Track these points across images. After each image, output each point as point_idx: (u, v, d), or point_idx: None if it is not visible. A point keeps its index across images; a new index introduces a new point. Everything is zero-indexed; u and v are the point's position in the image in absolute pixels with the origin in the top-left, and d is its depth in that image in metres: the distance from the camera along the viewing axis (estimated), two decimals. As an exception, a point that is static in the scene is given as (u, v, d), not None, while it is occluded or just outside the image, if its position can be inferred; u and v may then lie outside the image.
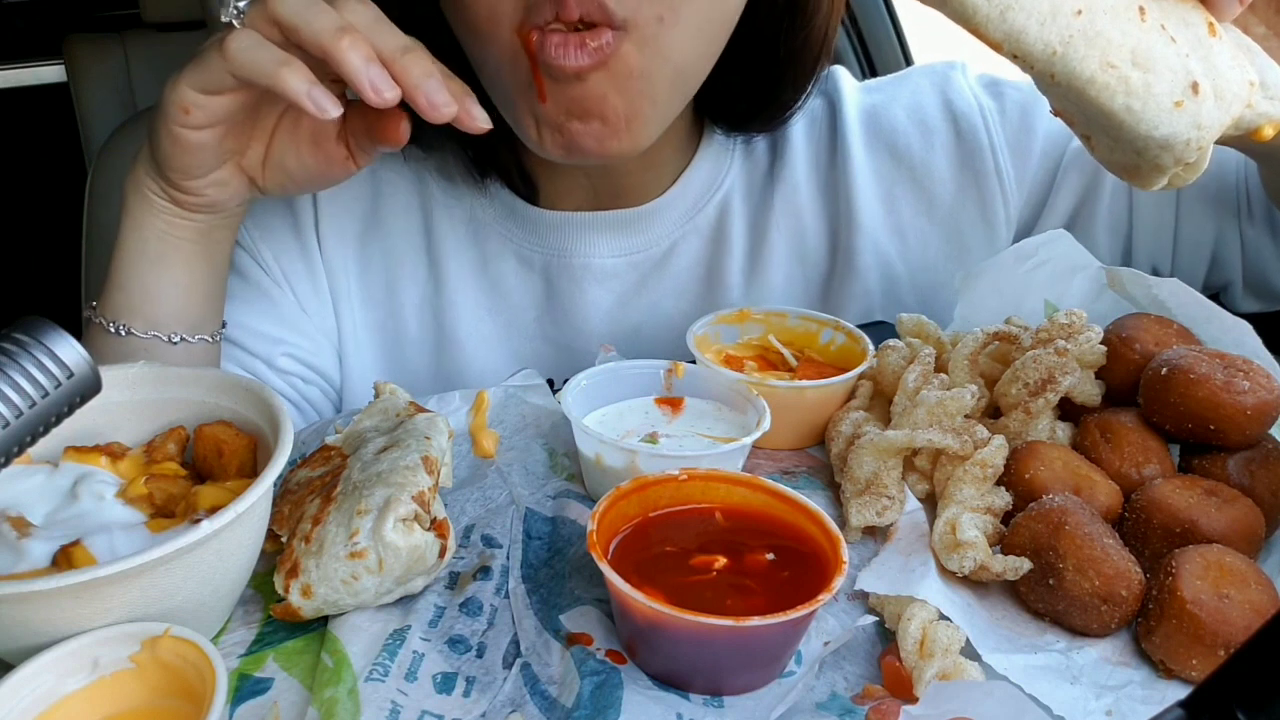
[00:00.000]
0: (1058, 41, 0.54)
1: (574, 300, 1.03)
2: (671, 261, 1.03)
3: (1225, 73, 0.57)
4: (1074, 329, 0.76)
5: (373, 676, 0.57)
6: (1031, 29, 0.54)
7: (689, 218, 1.03)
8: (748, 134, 1.03)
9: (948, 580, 0.64)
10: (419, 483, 0.63)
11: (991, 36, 0.55)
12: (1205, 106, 0.56)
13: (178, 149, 0.75)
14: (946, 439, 0.70)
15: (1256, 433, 0.68)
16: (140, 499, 0.63)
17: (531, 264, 1.03)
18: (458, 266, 1.03)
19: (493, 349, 1.04)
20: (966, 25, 0.55)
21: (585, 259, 1.02)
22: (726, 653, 0.56)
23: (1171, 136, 0.56)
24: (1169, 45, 0.56)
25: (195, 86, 0.72)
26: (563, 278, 1.03)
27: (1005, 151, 1.02)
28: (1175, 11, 0.57)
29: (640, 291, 1.03)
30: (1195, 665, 0.58)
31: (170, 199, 0.80)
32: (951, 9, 0.55)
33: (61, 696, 0.54)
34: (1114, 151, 0.60)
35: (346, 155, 0.79)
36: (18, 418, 0.43)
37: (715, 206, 1.03)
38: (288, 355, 1.00)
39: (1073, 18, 0.54)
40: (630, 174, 1.00)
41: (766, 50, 0.93)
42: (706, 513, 0.65)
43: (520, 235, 1.02)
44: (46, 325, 0.45)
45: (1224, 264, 0.99)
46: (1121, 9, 0.55)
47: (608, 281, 1.03)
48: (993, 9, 0.54)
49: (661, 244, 1.03)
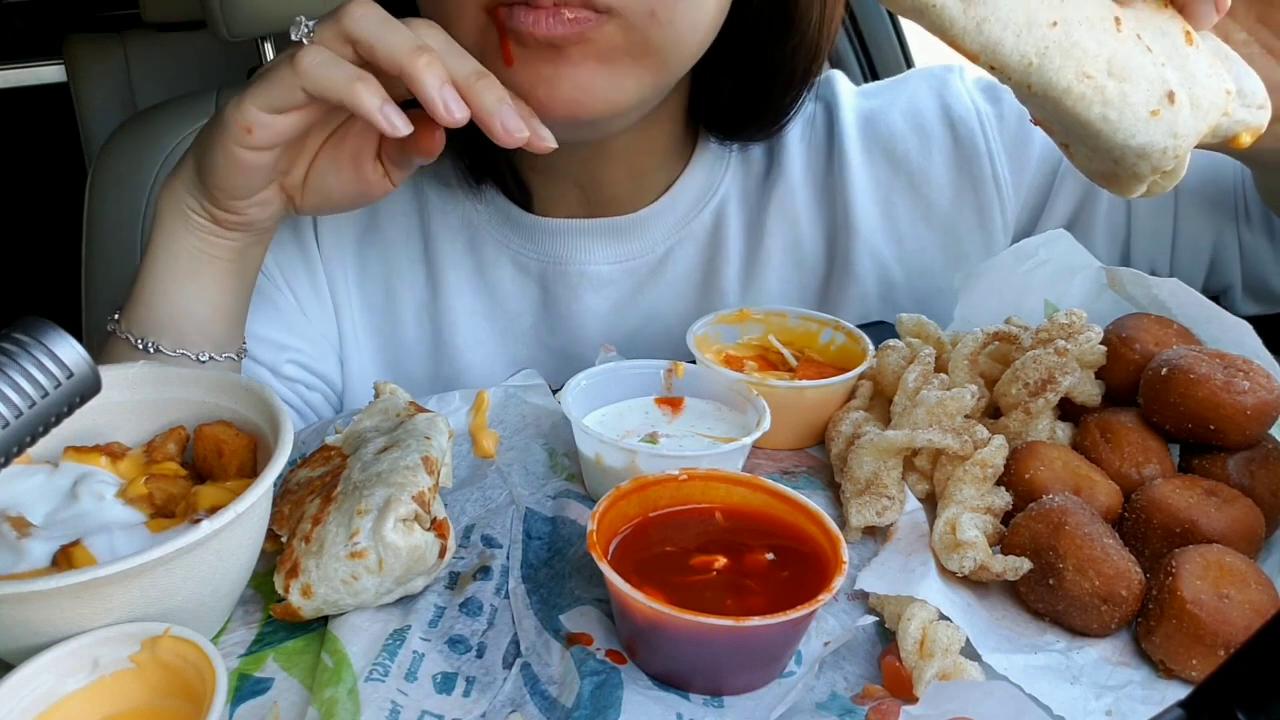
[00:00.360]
0: (1034, 53, 0.55)
1: (570, 307, 1.03)
2: (667, 268, 1.03)
3: (1202, 81, 0.57)
4: (1074, 329, 0.77)
5: (373, 676, 0.57)
6: (1008, 41, 0.54)
7: (683, 224, 1.02)
8: (742, 142, 1.02)
9: (948, 580, 0.64)
10: (419, 483, 0.63)
11: (969, 48, 0.55)
12: (1181, 115, 0.56)
13: (234, 169, 0.74)
14: (946, 439, 0.70)
15: (1256, 433, 0.68)
16: (140, 499, 0.63)
17: (528, 270, 1.03)
18: (455, 272, 1.03)
19: (490, 355, 1.05)
20: (944, 37, 0.55)
21: (581, 265, 1.02)
22: (726, 653, 0.56)
23: (1148, 145, 0.56)
24: (1145, 55, 0.56)
25: (263, 105, 0.71)
26: (559, 284, 1.03)
27: (1003, 157, 1.02)
28: (1152, 21, 0.57)
29: (636, 298, 1.03)
30: (1195, 665, 0.58)
31: (210, 218, 0.79)
32: (929, 21, 0.55)
33: (61, 696, 0.54)
34: (1092, 160, 0.60)
35: (383, 174, 0.79)
36: (18, 418, 0.43)
37: (710, 213, 1.03)
38: (292, 362, 1.00)
39: (1048, 29, 0.54)
40: (619, 182, 0.99)
41: (755, 58, 0.93)
42: (706, 513, 0.65)
43: (516, 242, 1.02)
44: (46, 325, 0.45)
45: (1223, 268, 0.99)
46: (1097, 19, 0.55)
47: (603, 288, 1.03)
48: (969, 21, 0.54)
49: (656, 251, 1.03)
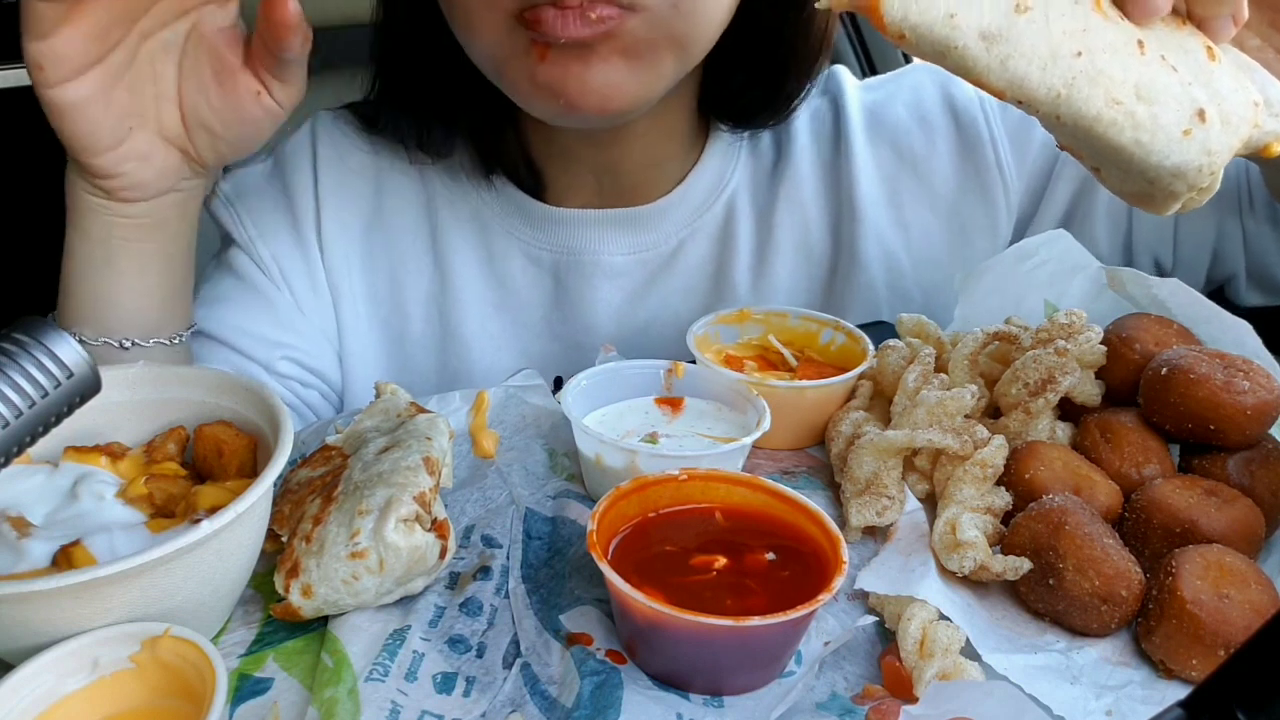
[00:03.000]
0: (1061, 84, 0.55)
1: (584, 297, 1.03)
2: (679, 260, 1.03)
3: (1229, 96, 0.57)
4: (1074, 329, 0.77)
5: (373, 676, 0.57)
6: (1033, 75, 0.54)
7: (697, 216, 1.03)
8: (754, 129, 1.03)
9: (948, 580, 0.64)
10: (420, 483, 0.63)
11: (994, 85, 0.55)
12: (1213, 132, 0.56)
13: (61, 119, 0.69)
14: (946, 439, 0.70)
15: (1256, 433, 0.68)
16: (140, 499, 0.63)
17: (540, 261, 1.03)
18: (463, 264, 1.03)
19: (500, 347, 1.04)
20: (968, 76, 0.55)
21: (595, 255, 1.02)
22: (726, 653, 0.56)
23: (1183, 165, 0.56)
24: (1171, 75, 0.56)
25: (34, 33, 0.65)
26: (572, 275, 1.03)
27: (1005, 143, 1.02)
28: (1173, 40, 0.57)
29: (649, 289, 1.04)
30: (1195, 665, 0.58)
31: (102, 193, 0.75)
32: (952, 62, 0.55)
33: (61, 696, 0.54)
34: (1125, 182, 0.60)
35: (258, 88, 0.74)
36: (18, 418, 0.43)
37: (722, 205, 1.03)
38: (287, 359, 0.99)
39: (1073, 59, 0.54)
40: (634, 172, 1.00)
41: (767, 38, 0.93)
42: (706, 513, 0.65)
43: (528, 233, 1.02)
44: (46, 325, 0.45)
45: (1226, 257, 0.99)
46: (1120, 45, 0.55)
47: (618, 279, 1.03)
48: (993, 59, 0.54)
49: (670, 242, 1.03)
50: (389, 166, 1.03)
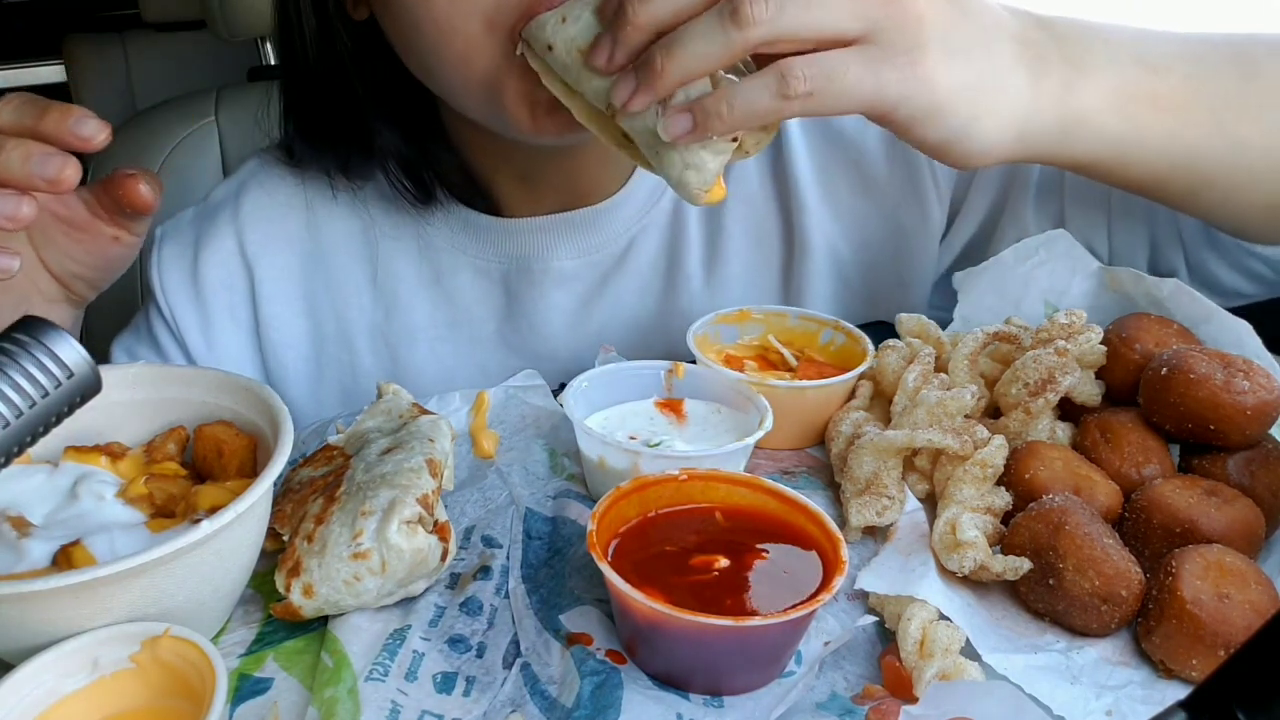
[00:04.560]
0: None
1: (535, 306, 1.02)
2: (630, 258, 1.03)
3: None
4: (1074, 329, 0.77)
5: (373, 676, 0.57)
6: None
7: (644, 212, 1.02)
8: None
9: (948, 580, 0.64)
10: (423, 485, 0.63)
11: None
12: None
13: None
14: (946, 439, 0.70)
15: (1256, 433, 0.68)
16: (140, 499, 0.63)
17: (489, 274, 1.03)
18: (409, 290, 1.03)
19: (451, 367, 1.04)
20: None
21: (545, 262, 1.01)
22: (726, 653, 0.56)
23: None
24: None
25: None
26: (523, 284, 1.02)
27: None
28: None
29: (601, 291, 1.03)
30: (1195, 665, 0.58)
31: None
32: None
33: (61, 696, 0.54)
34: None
35: (114, 233, 0.78)
36: (18, 418, 0.43)
37: (669, 199, 1.02)
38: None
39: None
40: (589, 169, 0.99)
41: None
42: (706, 513, 0.65)
43: (474, 248, 1.02)
44: (46, 325, 0.45)
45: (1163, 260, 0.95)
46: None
47: (568, 284, 1.02)
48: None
49: (620, 241, 1.02)
50: (320, 202, 1.03)
